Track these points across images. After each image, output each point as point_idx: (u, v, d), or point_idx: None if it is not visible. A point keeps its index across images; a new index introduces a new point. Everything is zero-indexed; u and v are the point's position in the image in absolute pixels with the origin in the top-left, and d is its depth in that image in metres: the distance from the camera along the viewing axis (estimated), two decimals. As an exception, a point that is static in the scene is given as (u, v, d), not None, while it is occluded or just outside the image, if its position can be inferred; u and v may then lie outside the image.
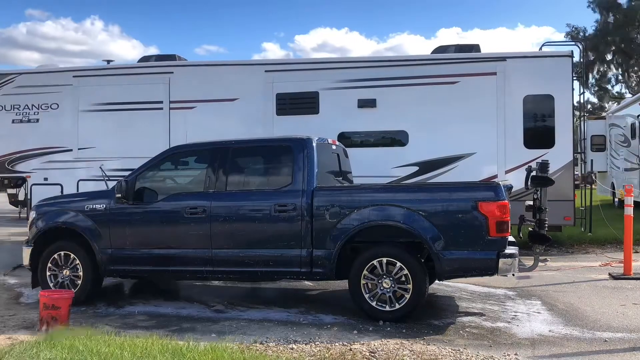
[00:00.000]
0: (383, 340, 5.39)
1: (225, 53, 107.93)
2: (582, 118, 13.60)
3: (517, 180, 8.24)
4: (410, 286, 6.01)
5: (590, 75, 35.32)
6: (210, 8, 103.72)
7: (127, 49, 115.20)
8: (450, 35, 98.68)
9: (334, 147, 7.57)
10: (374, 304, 6.10)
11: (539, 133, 10.51)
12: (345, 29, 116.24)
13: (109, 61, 13.24)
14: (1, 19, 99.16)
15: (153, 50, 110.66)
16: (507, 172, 10.16)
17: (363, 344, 5.25)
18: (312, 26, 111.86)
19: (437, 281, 7.05)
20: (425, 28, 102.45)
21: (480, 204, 5.89)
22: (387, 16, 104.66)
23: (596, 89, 38.21)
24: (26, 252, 7.27)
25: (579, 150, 12.39)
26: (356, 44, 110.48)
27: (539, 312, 6.55)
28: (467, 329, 5.86)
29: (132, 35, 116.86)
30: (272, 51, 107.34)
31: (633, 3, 32.62)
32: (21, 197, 12.73)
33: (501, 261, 5.88)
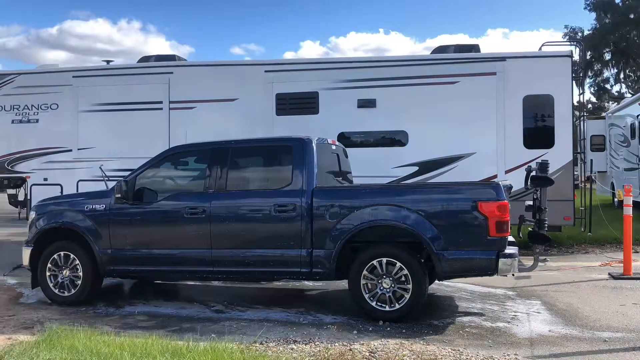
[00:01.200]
0: (383, 340, 5.39)
1: (264, 52, 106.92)
2: (581, 118, 13.61)
3: (517, 180, 8.24)
4: (410, 286, 6.00)
5: (590, 75, 35.35)
6: (245, 8, 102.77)
7: (163, 49, 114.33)
8: (497, 36, 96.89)
9: (333, 147, 7.57)
10: (373, 304, 6.10)
11: (538, 133, 10.51)
12: (383, 29, 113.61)
13: (108, 61, 13.26)
14: (44, 18, 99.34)
15: (186, 49, 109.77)
16: (507, 172, 10.16)
17: (363, 344, 5.25)
18: (350, 26, 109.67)
19: (436, 281, 7.05)
20: (473, 28, 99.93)
21: (480, 204, 5.89)
22: (433, 16, 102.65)
23: (595, 88, 38.27)
24: (26, 253, 7.27)
25: (579, 150, 12.39)
26: (395, 44, 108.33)
27: (538, 312, 6.55)
28: (466, 329, 5.86)
29: (168, 35, 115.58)
30: (312, 49, 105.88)
31: (627, 2, 32.66)
32: (21, 197, 12.73)
33: (501, 261, 5.88)
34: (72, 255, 7.08)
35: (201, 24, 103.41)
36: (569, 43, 26.50)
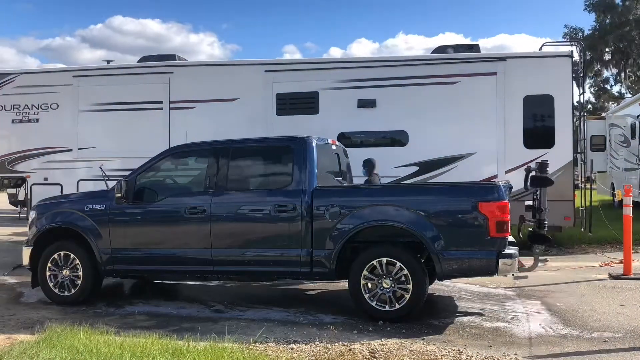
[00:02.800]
0: (383, 340, 5.39)
1: (321, 50, 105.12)
2: (581, 118, 13.60)
3: (517, 180, 8.24)
4: (410, 286, 6.01)
5: (590, 75, 35.33)
6: (293, 6, 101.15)
7: (212, 48, 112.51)
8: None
9: (333, 147, 7.57)
10: (373, 304, 6.10)
11: (538, 133, 10.51)
12: (439, 29, 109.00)
13: (108, 61, 13.27)
14: (89, 18, 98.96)
15: (233, 47, 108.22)
16: (507, 172, 10.16)
17: (363, 344, 5.25)
18: (404, 26, 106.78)
19: (436, 281, 7.05)
20: (538, 28, 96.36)
21: (480, 204, 5.89)
22: (493, 15, 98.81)
23: (596, 89, 38.27)
24: (26, 252, 7.28)
25: (579, 151, 12.38)
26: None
27: (538, 312, 6.55)
28: (466, 329, 5.87)
29: (220, 34, 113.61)
30: (366, 46, 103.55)
31: (627, 3, 32.65)
32: (21, 197, 12.74)
33: (501, 261, 5.88)
34: (72, 255, 7.08)
35: (254, 22, 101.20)
36: (569, 43, 26.48)
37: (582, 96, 12.49)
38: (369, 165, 8.66)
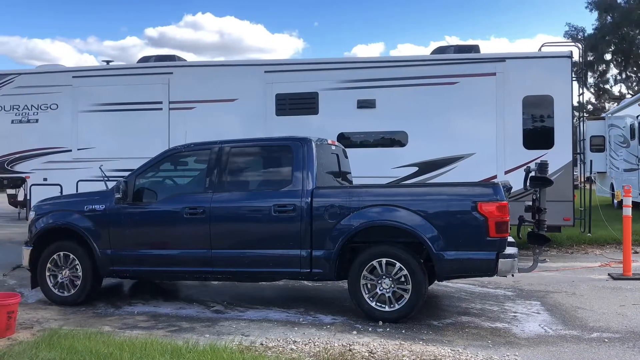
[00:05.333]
0: (382, 340, 5.39)
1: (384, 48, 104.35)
2: (581, 119, 13.61)
3: (516, 181, 8.24)
4: (409, 286, 6.01)
5: (590, 75, 35.34)
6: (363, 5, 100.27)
7: (287, 48, 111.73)
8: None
9: (333, 147, 7.57)
10: (373, 304, 6.11)
11: (538, 134, 10.52)
12: (530, 33, 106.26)
13: (108, 61, 13.24)
14: (161, 17, 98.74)
15: (302, 45, 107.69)
16: (506, 172, 10.16)
17: (362, 344, 5.25)
18: (491, 31, 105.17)
19: (436, 281, 7.05)
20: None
21: (479, 204, 5.89)
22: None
23: (595, 89, 38.27)
24: (26, 253, 7.28)
25: (578, 151, 12.39)
26: (536, 46, 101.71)
27: (538, 313, 6.55)
28: (466, 330, 5.87)
29: (300, 31, 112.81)
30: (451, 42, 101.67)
31: (631, 2, 32.65)
32: (20, 197, 12.73)
33: (500, 262, 5.88)
34: (71, 256, 7.08)
35: (332, 21, 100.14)
36: (569, 43, 26.51)
37: (581, 96, 12.49)
38: None
